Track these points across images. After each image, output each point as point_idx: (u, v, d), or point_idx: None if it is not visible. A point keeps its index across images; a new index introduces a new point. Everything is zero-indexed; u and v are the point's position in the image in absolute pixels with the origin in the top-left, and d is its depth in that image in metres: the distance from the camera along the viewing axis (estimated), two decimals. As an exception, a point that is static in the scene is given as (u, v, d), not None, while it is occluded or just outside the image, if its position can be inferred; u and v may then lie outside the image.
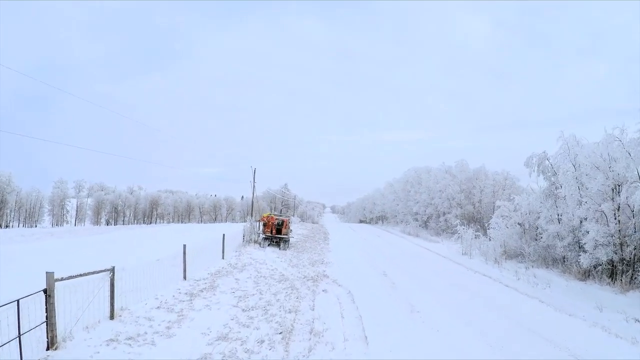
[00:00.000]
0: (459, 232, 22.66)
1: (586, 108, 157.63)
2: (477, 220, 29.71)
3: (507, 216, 21.99)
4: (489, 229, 21.64)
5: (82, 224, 79.92)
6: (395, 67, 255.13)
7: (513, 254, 20.18)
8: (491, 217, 31.22)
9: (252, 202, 24.99)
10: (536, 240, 20.73)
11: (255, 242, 21.33)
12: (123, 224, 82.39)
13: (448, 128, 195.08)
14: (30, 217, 75.81)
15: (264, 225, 21.69)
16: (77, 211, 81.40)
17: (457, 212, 31.45)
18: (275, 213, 29.96)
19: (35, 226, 72.96)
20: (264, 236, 21.35)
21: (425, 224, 36.97)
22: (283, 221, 21.97)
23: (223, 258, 16.26)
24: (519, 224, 21.09)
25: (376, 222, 66.15)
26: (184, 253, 12.04)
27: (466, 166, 34.55)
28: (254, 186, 23.76)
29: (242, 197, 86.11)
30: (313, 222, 66.07)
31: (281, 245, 20.77)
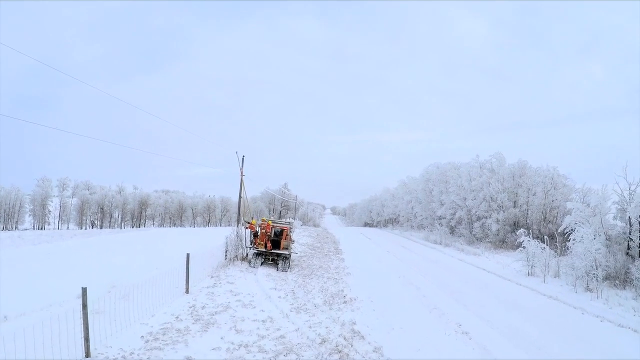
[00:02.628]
0: (523, 244, 16.61)
1: (585, 108, 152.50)
2: (525, 227, 23.69)
3: (580, 222, 16.45)
4: (568, 240, 15.69)
5: (66, 226, 73.94)
6: (393, 68, 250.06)
7: (603, 277, 14.54)
8: (542, 223, 25.50)
9: (240, 201, 18.74)
10: (629, 255, 15.63)
11: (244, 259, 15.20)
12: (110, 226, 76.36)
13: (446, 129, 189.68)
14: (10, 218, 70.21)
15: (255, 235, 15.49)
16: (60, 212, 75.26)
17: (497, 216, 25.38)
18: (272, 218, 23.65)
19: (16, 228, 67.55)
20: (255, 251, 15.20)
21: (452, 230, 30.87)
22: (282, 230, 15.76)
23: (187, 292, 10.27)
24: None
25: (385, 226, 59.84)
26: (84, 305, 6.04)
27: (504, 161, 28.58)
28: (241, 179, 17.49)
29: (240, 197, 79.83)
30: (315, 225, 60.08)
31: (279, 265, 14.60)
